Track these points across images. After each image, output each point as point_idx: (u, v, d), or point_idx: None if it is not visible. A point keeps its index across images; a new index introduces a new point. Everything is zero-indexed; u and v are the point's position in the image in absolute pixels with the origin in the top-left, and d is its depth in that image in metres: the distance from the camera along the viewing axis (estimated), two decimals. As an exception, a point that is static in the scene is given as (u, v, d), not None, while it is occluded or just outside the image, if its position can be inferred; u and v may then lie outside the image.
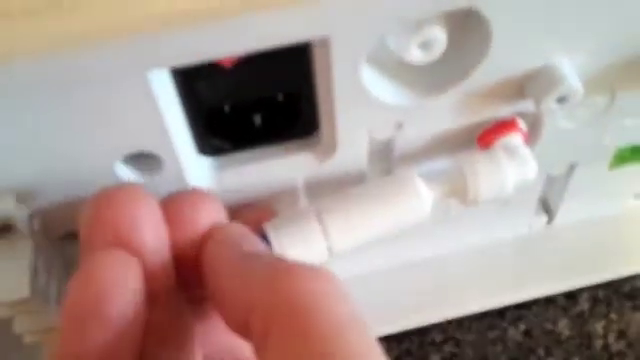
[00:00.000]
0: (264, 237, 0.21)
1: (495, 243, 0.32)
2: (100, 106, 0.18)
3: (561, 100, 0.22)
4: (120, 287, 0.16)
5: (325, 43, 0.18)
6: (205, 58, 0.17)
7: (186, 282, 0.19)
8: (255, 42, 0.17)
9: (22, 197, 0.20)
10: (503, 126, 0.24)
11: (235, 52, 0.18)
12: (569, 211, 0.31)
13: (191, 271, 0.19)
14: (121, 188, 0.17)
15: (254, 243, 0.18)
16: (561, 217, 0.32)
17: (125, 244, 0.17)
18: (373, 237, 0.21)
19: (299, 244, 0.21)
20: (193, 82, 0.19)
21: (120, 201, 0.17)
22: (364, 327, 0.15)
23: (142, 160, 0.21)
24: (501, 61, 0.21)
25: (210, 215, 0.19)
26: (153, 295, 0.17)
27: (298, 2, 0.16)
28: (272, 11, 0.16)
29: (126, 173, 0.21)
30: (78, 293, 0.16)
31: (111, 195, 0.17)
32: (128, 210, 0.17)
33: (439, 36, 0.19)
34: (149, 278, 0.17)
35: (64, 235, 0.22)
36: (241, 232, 0.19)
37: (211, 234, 0.18)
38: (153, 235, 0.17)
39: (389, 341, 0.31)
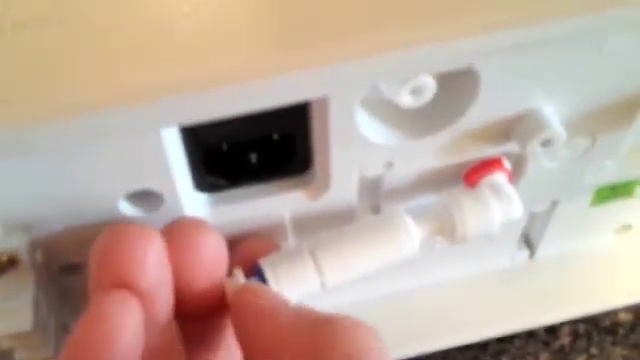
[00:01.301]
0: (260, 272, 0.21)
1: (478, 276, 0.32)
2: (111, 154, 0.19)
3: (545, 144, 0.22)
4: (122, 330, 0.17)
5: (323, 97, 0.19)
6: (215, 117, 0.18)
7: (187, 308, 0.20)
8: (261, 104, 0.18)
9: (28, 231, 0.20)
10: (489, 165, 0.24)
11: (241, 111, 0.18)
12: (551, 246, 0.32)
13: (193, 294, 0.20)
14: (128, 228, 0.18)
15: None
16: (543, 252, 0.32)
17: (129, 283, 0.17)
18: (364, 273, 0.22)
19: (294, 280, 0.21)
20: (194, 126, 0.20)
21: (126, 240, 0.18)
22: None
23: (144, 197, 0.21)
24: (488, 107, 0.22)
25: (212, 239, 0.20)
26: (152, 325, 0.18)
27: (300, 67, 0.17)
28: (276, 78, 0.17)
29: (129, 209, 0.21)
30: (83, 335, 0.17)
31: (118, 234, 0.18)
32: (133, 249, 0.18)
33: (429, 83, 0.20)
34: (150, 311, 0.18)
35: (62, 267, 0.23)
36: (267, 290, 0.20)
37: (241, 299, 0.19)
38: (156, 273, 0.18)
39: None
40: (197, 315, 0.21)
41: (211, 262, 0.20)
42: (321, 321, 0.18)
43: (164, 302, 0.19)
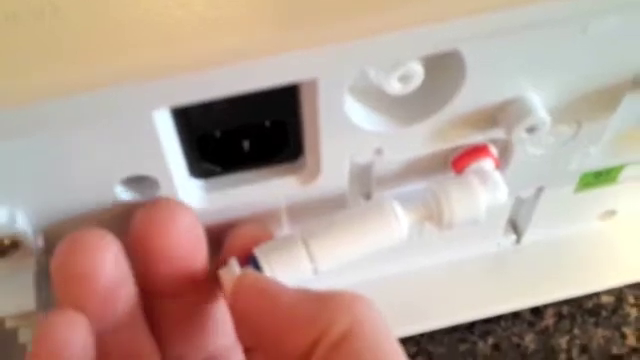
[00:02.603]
0: (254, 261, 0.22)
1: (466, 260, 0.32)
2: (106, 137, 0.19)
3: (530, 130, 0.23)
4: (68, 347, 0.18)
5: (312, 81, 0.19)
6: (205, 98, 0.18)
7: (163, 286, 0.21)
8: (251, 85, 0.18)
9: (29, 216, 0.21)
10: (476, 152, 0.25)
11: (232, 92, 0.19)
12: (536, 231, 0.32)
13: (168, 272, 0.21)
14: (82, 238, 0.19)
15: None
16: (529, 237, 0.32)
17: (81, 298, 0.19)
18: (355, 258, 0.22)
19: (287, 267, 0.22)
20: (187, 111, 0.20)
21: (80, 253, 0.19)
22: None
23: (140, 182, 0.21)
24: (474, 94, 0.22)
25: (186, 217, 0.21)
26: (117, 321, 0.20)
27: (290, 49, 0.17)
28: (267, 58, 0.17)
29: (125, 194, 0.21)
30: (35, 352, 0.18)
31: (72, 245, 0.19)
32: (87, 262, 0.19)
33: (417, 70, 0.20)
34: (111, 312, 0.20)
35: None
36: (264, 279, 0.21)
37: (240, 285, 0.20)
38: (113, 276, 0.19)
39: (364, 353, 0.31)
40: (174, 293, 0.22)
41: (186, 240, 0.21)
42: (322, 296, 0.19)
43: (124, 300, 0.20)
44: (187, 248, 0.21)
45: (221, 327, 0.23)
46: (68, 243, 0.19)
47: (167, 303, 0.22)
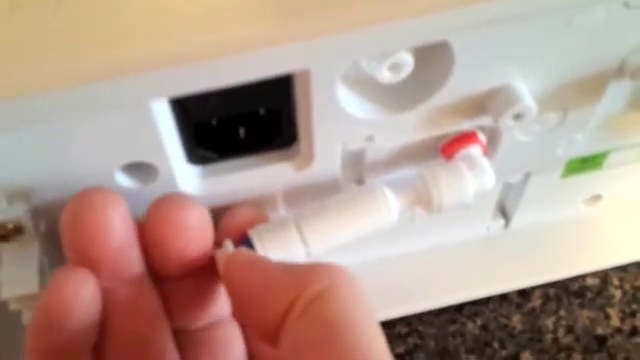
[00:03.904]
0: (248, 242, 0.22)
1: (456, 244, 0.33)
2: (107, 126, 0.20)
3: (517, 117, 0.23)
4: (75, 302, 0.19)
5: (305, 71, 0.20)
6: (202, 89, 0.19)
7: (174, 275, 0.22)
8: (246, 76, 0.19)
9: (31, 202, 0.21)
10: (464, 138, 0.25)
11: (227, 84, 0.19)
12: (524, 216, 0.32)
13: (180, 264, 0.21)
14: (91, 195, 0.20)
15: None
16: (517, 221, 0.33)
17: (92, 255, 0.20)
18: (346, 242, 0.23)
19: (280, 249, 0.22)
20: (185, 100, 0.20)
21: (89, 209, 0.19)
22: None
23: (139, 169, 0.22)
24: (463, 82, 0.22)
25: (196, 212, 0.21)
26: (124, 280, 0.20)
27: (283, 41, 0.18)
28: (261, 50, 0.18)
29: (125, 181, 0.22)
30: (44, 305, 0.19)
31: (81, 203, 0.20)
32: (96, 217, 0.19)
33: (407, 60, 0.20)
34: (119, 270, 0.20)
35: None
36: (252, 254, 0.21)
37: (231, 259, 0.21)
38: (121, 235, 0.20)
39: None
40: (178, 278, 0.22)
41: (196, 233, 0.21)
42: (304, 265, 0.19)
43: (133, 259, 0.21)
44: (197, 243, 0.22)
45: (221, 300, 0.23)
46: (78, 201, 0.20)
47: (171, 284, 0.22)
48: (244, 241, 0.22)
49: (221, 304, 0.23)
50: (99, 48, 0.17)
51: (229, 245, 0.22)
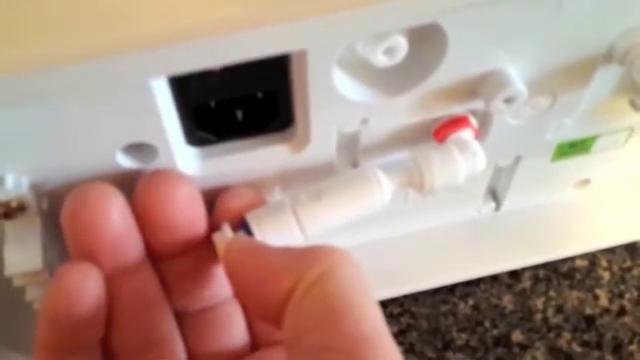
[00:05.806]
0: (246, 226, 0.23)
1: (448, 226, 0.33)
2: (108, 106, 0.20)
3: (508, 101, 0.23)
4: (81, 295, 0.20)
5: (302, 52, 0.20)
6: (200, 67, 0.19)
7: (166, 251, 0.22)
8: (243, 55, 0.19)
9: (34, 181, 0.22)
10: (456, 122, 0.25)
11: (224, 62, 0.19)
12: (515, 199, 0.33)
13: (171, 238, 0.22)
14: (89, 191, 0.20)
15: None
16: (507, 204, 0.33)
17: (93, 248, 0.20)
18: (342, 224, 0.23)
19: (277, 232, 0.22)
20: (184, 82, 0.21)
21: (88, 204, 0.20)
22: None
23: (140, 149, 0.22)
24: (455, 66, 0.22)
25: (185, 188, 0.22)
26: (126, 270, 0.21)
27: (280, 21, 0.18)
28: (258, 29, 0.18)
29: (126, 161, 0.22)
30: (50, 300, 0.20)
31: (79, 198, 0.20)
32: (95, 213, 0.20)
33: (401, 43, 0.20)
34: (120, 261, 0.21)
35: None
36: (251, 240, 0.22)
37: (231, 246, 0.21)
38: (120, 227, 0.21)
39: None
40: (173, 256, 0.23)
41: (186, 210, 0.22)
42: (303, 249, 0.20)
43: (133, 249, 0.21)
44: (187, 217, 0.22)
45: (220, 281, 0.24)
46: (75, 197, 0.20)
47: (167, 264, 0.23)
48: (242, 226, 0.23)
49: (220, 285, 0.24)
50: (98, 27, 0.18)
51: (227, 230, 0.22)
